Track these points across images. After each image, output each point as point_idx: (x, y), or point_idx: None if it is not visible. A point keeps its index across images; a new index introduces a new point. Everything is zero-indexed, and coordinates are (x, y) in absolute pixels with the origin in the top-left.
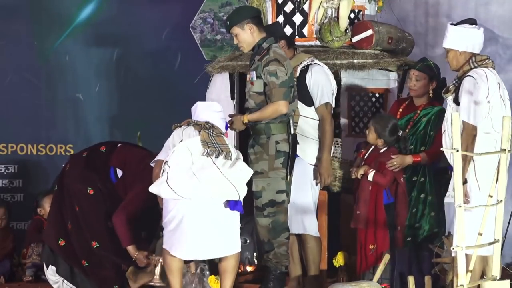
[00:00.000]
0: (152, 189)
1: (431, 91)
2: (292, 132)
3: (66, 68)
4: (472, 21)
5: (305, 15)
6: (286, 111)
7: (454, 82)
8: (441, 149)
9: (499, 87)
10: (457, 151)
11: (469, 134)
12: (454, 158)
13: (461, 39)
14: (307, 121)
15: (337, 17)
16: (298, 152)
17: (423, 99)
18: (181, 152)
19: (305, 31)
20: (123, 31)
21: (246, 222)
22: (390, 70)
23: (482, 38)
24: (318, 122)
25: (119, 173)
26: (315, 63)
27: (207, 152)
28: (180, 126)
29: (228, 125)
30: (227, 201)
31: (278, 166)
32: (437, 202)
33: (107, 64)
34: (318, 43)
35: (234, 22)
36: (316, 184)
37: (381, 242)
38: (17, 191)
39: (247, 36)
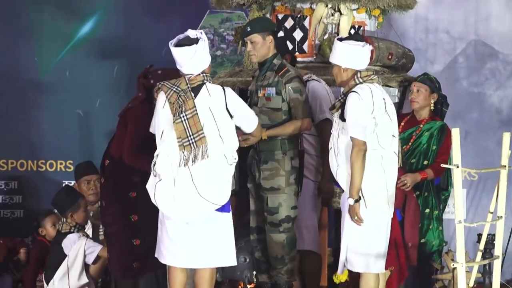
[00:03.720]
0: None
1: (432, 104)
2: (301, 148)
3: (67, 84)
4: (358, 37)
5: (305, 31)
6: (310, 128)
7: (340, 98)
8: (441, 165)
9: (385, 103)
10: (457, 167)
11: (360, 149)
12: (454, 175)
13: (345, 55)
14: (307, 137)
15: (337, 33)
16: None
17: (425, 113)
18: (163, 163)
19: (305, 47)
20: (123, 47)
21: (245, 241)
22: (390, 86)
23: (368, 54)
24: (317, 138)
25: None
26: (312, 79)
27: (184, 159)
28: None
29: (241, 139)
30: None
31: (292, 182)
32: (441, 218)
33: (107, 80)
34: (318, 59)
35: (257, 29)
36: (317, 200)
37: (404, 262)
38: (17, 207)
39: (265, 47)
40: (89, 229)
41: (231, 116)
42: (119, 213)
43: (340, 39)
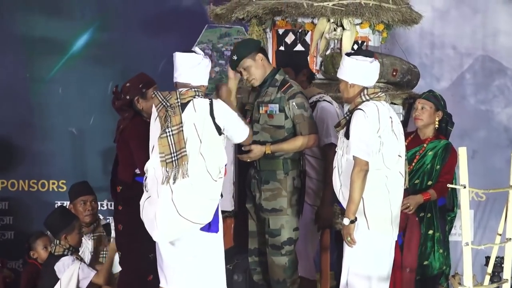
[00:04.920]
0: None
1: (436, 122)
2: (303, 168)
3: (59, 101)
4: (367, 53)
5: (306, 47)
6: (315, 145)
7: (345, 115)
8: (448, 185)
9: (391, 121)
10: (465, 187)
11: (362, 169)
12: (461, 195)
13: (352, 71)
14: (309, 159)
15: (340, 48)
16: None
17: (429, 131)
18: (151, 178)
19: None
20: (118, 62)
21: (242, 258)
22: (395, 104)
23: (376, 71)
24: (320, 161)
25: None
26: (324, 100)
27: (166, 177)
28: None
29: (243, 148)
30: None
31: (294, 203)
32: (444, 239)
33: (101, 97)
34: (320, 75)
35: (244, 54)
36: (313, 226)
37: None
38: (7, 228)
39: (259, 67)
40: (84, 251)
41: (220, 131)
42: (137, 234)
43: (348, 54)
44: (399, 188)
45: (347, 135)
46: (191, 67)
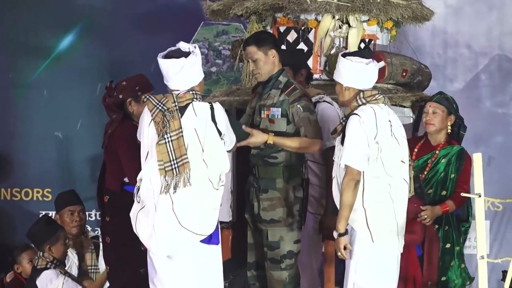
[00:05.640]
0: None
1: (449, 127)
2: (305, 176)
3: (44, 104)
4: (365, 54)
5: (310, 45)
6: (319, 151)
7: (341, 121)
8: (462, 194)
9: (391, 125)
10: (480, 196)
11: (353, 178)
12: (476, 205)
13: (347, 73)
14: (310, 165)
15: (346, 47)
16: None
17: (441, 137)
18: (145, 188)
19: (310, 62)
20: (107, 62)
21: (239, 273)
22: (404, 106)
23: (373, 74)
24: (322, 166)
25: None
26: (324, 101)
27: (165, 186)
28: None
29: (244, 129)
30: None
31: (295, 213)
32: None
33: (89, 99)
34: (324, 76)
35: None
36: (316, 236)
37: None
38: None
39: (269, 63)
40: (71, 265)
41: (221, 136)
42: (125, 247)
43: (344, 55)
44: (404, 197)
45: (343, 142)
46: (176, 72)
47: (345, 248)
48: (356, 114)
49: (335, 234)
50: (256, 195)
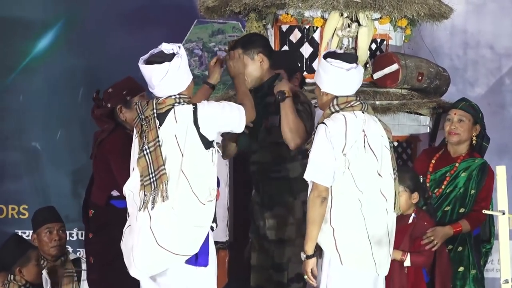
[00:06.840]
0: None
1: (474, 138)
2: None
3: (20, 111)
4: (348, 57)
5: (315, 46)
6: (293, 149)
7: (313, 132)
8: (483, 211)
9: (365, 135)
10: (503, 213)
11: (319, 195)
12: (500, 223)
13: (324, 77)
14: None
15: (355, 48)
16: None
17: (462, 148)
18: (130, 204)
19: (315, 65)
20: (90, 64)
21: None
22: (420, 114)
23: (355, 80)
24: None
25: None
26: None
27: (143, 202)
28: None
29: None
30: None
31: (304, 232)
32: (481, 277)
33: (70, 106)
34: None
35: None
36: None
37: None
38: None
39: (255, 68)
40: None
41: (208, 144)
42: (111, 268)
43: (326, 56)
44: (379, 214)
45: None
46: (160, 79)
47: (313, 272)
48: (324, 123)
49: (302, 256)
50: (260, 213)
